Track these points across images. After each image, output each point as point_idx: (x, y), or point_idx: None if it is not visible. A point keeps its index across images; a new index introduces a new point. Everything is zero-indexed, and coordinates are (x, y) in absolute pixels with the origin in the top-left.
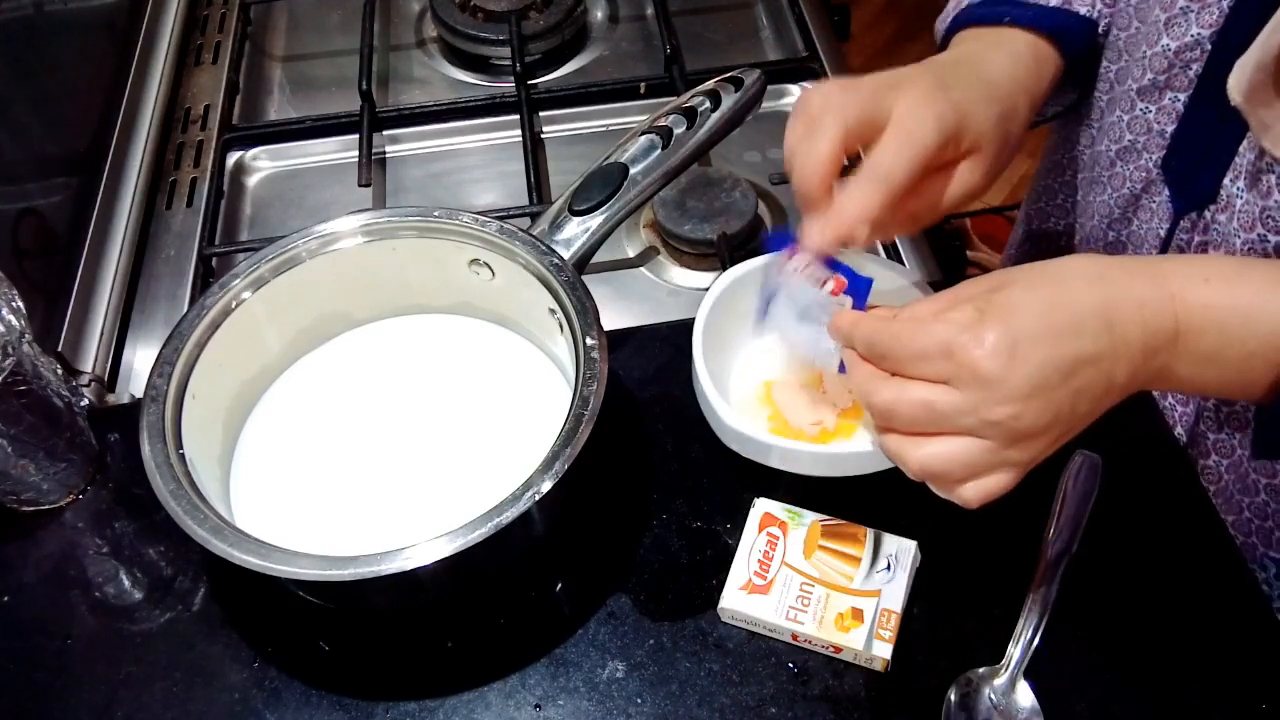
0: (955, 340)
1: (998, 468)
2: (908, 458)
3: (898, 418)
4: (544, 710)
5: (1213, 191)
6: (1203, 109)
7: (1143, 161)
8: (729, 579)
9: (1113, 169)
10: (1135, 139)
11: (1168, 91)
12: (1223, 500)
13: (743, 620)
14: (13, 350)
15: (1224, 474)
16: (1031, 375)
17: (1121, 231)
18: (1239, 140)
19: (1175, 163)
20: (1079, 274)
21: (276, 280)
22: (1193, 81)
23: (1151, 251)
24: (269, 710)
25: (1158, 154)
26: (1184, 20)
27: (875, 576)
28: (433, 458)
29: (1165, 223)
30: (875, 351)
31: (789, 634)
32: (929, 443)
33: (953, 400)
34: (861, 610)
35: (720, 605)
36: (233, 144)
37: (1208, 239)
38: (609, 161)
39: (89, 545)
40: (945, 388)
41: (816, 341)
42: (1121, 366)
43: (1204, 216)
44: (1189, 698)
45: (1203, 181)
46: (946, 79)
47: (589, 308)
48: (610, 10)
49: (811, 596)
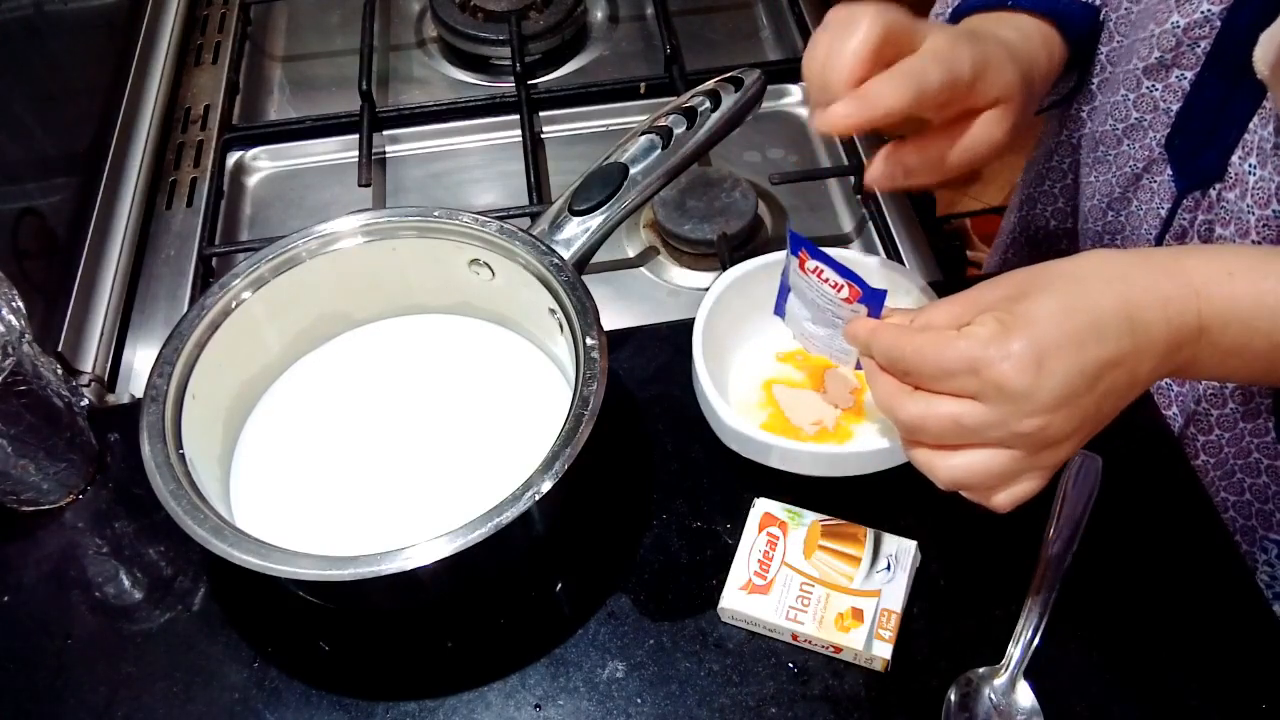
0: (981, 356)
1: (1027, 473)
2: (938, 470)
3: (926, 432)
4: (544, 710)
5: (1219, 169)
6: (1210, 86)
7: (1147, 140)
8: (729, 579)
9: (1118, 148)
10: (1141, 117)
11: (1174, 69)
12: (1225, 479)
13: (743, 620)
14: (13, 350)
15: (1225, 448)
16: (1059, 386)
17: (1121, 212)
18: (1248, 117)
19: (1179, 141)
20: (1099, 274)
21: (276, 280)
22: (1200, 59)
23: (1151, 231)
24: (269, 710)
25: (1162, 132)
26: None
27: (875, 576)
28: (433, 458)
29: (1166, 202)
30: (898, 366)
31: (789, 634)
32: (958, 455)
33: (981, 415)
34: (861, 610)
35: (720, 605)
36: (233, 144)
37: (1213, 217)
38: (609, 161)
39: (89, 545)
40: (973, 403)
41: (831, 341)
42: (1145, 364)
43: (1208, 195)
44: (1189, 698)
45: (1207, 159)
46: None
47: (589, 308)
48: (610, 10)
49: (811, 596)
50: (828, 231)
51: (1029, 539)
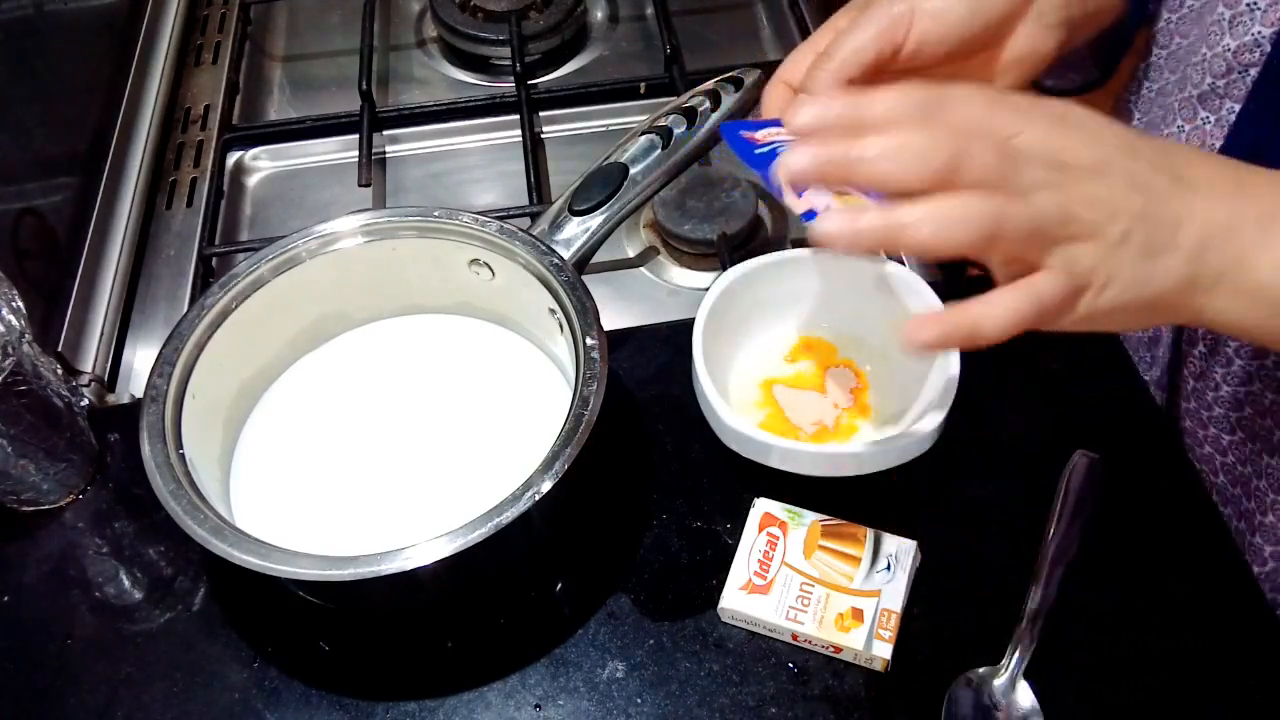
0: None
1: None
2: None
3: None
4: (544, 710)
5: None
6: (1252, 124)
7: None
8: (729, 579)
9: None
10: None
11: (1226, 101)
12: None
13: (743, 620)
14: (13, 350)
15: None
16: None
17: None
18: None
19: None
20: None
21: (276, 280)
22: (1247, 89)
23: None
24: (269, 710)
25: None
26: (1248, 17)
27: (875, 576)
28: (433, 458)
29: None
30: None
31: (789, 634)
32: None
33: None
34: (861, 610)
35: (720, 605)
36: (233, 144)
37: None
38: (609, 161)
39: (89, 545)
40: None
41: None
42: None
43: None
44: (1189, 698)
45: None
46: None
47: (589, 308)
48: (610, 10)
49: (811, 596)
50: None
51: (1029, 539)
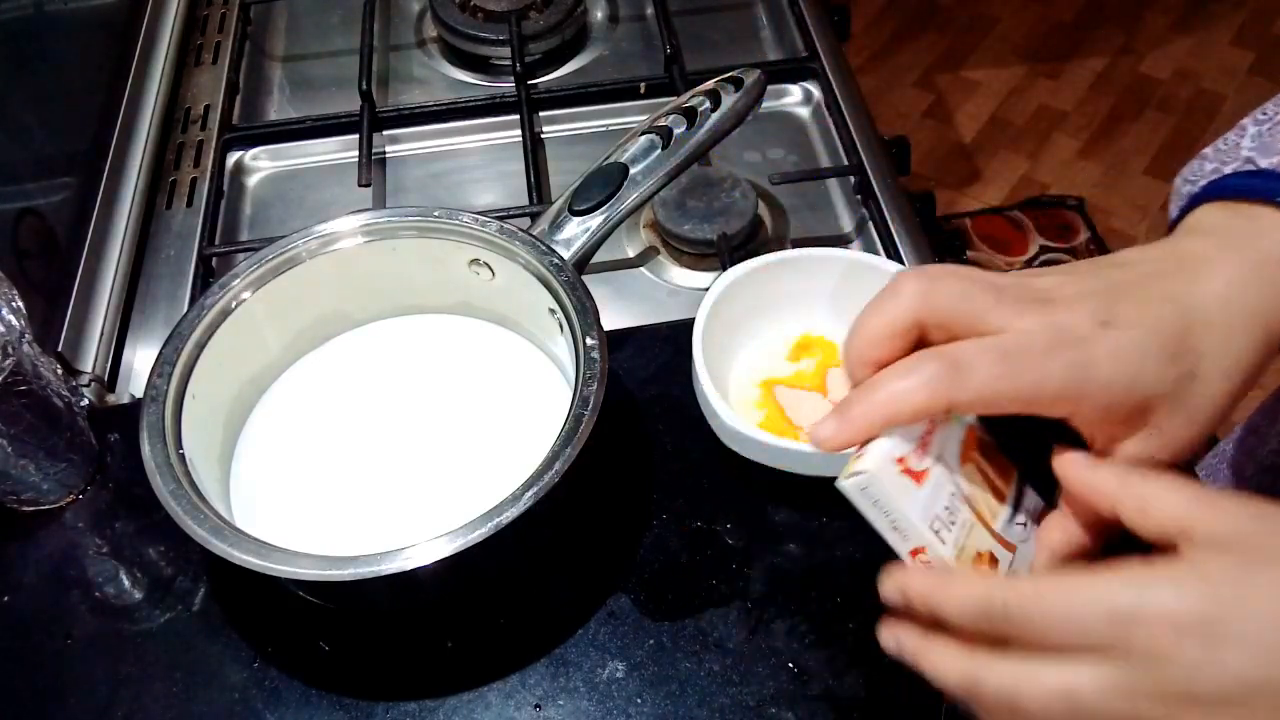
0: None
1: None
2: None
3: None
4: (544, 710)
5: None
6: None
7: None
8: (874, 442)
9: None
10: None
11: None
12: None
13: (870, 500)
14: (13, 350)
15: None
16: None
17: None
18: None
19: None
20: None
21: (276, 280)
22: None
23: None
24: (269, 710)
25: None
26: None
27: (1014, 529)
28: (433, 458)
29: None
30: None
31: (912, 547)
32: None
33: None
34: (998, 561)
35: (857, 469)
36: (233, 144)
37: None
38: (609, 161)
39: (89, 545)
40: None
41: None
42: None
43: None
44: None
45: None
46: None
47: (589, 308)
48: (610, 10)
49: (958, 518)
50: (828, 231)
51: None
